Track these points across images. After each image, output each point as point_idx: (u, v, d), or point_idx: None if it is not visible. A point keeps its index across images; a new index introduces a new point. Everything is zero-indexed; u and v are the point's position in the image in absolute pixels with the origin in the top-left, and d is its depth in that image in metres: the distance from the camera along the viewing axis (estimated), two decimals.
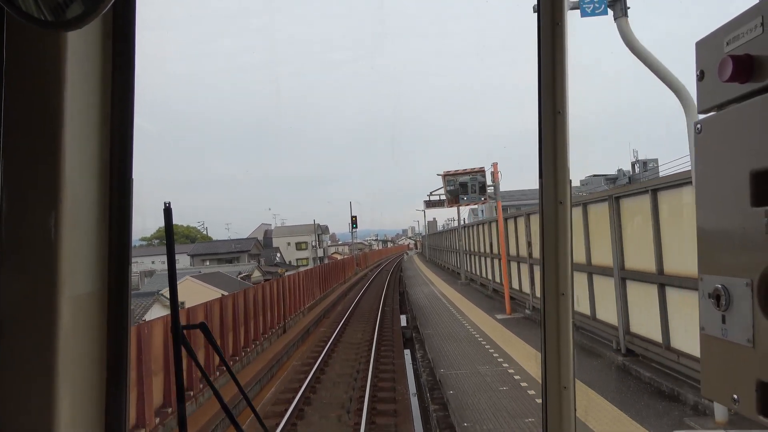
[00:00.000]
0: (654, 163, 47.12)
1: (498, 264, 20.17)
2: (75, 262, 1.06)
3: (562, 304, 1.44)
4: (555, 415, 1.44)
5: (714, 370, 1.03)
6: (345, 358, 15.29)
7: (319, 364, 14.06)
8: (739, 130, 0.96)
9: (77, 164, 1.06)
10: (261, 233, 78.01)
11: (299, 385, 12.23)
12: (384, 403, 10.92)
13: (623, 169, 50.70)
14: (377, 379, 12.53)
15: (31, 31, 1.00)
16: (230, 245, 63.28)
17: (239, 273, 41.12)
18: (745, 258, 0.93)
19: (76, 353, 1.06)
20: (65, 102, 1.03)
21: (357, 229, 60.18)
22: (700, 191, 1.06)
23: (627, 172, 49.61)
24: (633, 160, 49.60)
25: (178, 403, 1.17)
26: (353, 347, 16.76)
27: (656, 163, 46.36)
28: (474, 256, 27.27)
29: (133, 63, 1.14)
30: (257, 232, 78.92)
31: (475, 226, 27.70)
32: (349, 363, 14.68)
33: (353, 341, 17.74)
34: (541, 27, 1.44)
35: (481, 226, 25.71)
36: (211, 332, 1.22)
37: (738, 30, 0.95)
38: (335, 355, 15.84)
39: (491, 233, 22.12)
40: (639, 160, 49.44)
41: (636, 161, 49.52)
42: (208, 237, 73.96)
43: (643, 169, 47.83)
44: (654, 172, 43.11)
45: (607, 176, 51.21)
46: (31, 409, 1.02)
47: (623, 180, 43.85)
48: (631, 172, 49.11)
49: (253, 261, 56.28)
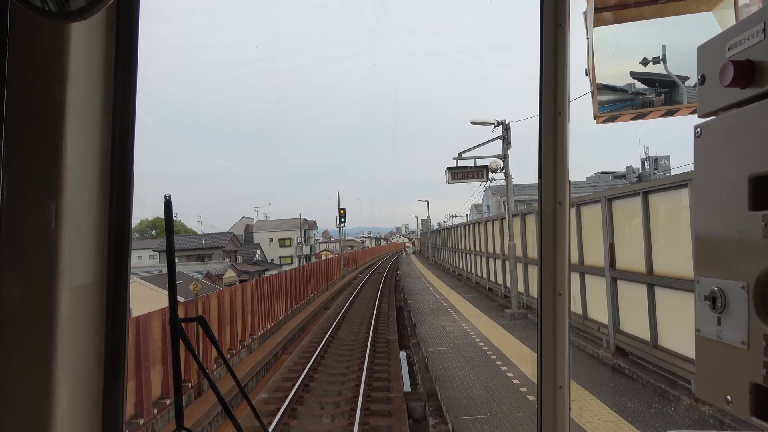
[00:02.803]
0: (666, 160, 47.26)
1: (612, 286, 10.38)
2: (75, 253, 1.14)
3: (559, 304, 1.53)
4: (550, 414, 1.53)
5: (708, 372, 1.10)
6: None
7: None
8: (739, 134, 1.03)
9: (79, 156, 1.14)
10: (242, 227, 76.19)
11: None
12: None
13: (633, 165, 50.79)
14: None
15: (34, 22, 1.06)
16: (200, 240, 57.49)
17: (206, 273, 37.25)
18: (741, 261, 1.00)
19: (75, 344, 1.14)
20: (68, 93, 1.10)
21: (349, 225, 57.77)
22: (699, 194, 1.13)
23: (636, 170, 49.68)
24: (643, 157, 49.70)
25: (176, 395, 1.25)
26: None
27: (668, 160, 46.54)
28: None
29: (135, 55, 1.21)
30: (238, 226, 77.31)
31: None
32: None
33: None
34: (544, 28, 1.52)
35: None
36: (209, 326, 1.30)
37: (739, 36, 1.02)
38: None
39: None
40: (650, 156, 49.52)
41: (647, 158, 49.61)
42: (190, 230, 71.95)
43: (654, 166, 47.94)
44: (665, 169, 43.32)
45: (615, 173, 51.32)
46: (29, 399, 1.10)
47: (632, 177, 43.99)
48: (640, 170, 49.16)
49: (229, 258, 53.27)
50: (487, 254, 22.03)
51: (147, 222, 74.64)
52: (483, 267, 23.11)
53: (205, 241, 57.10)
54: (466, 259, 28.09)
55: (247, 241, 70.86)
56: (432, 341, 13.58)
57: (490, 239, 21.49)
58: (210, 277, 37.55)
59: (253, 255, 64.12)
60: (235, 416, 1.27)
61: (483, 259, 23.00)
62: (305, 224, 76.45)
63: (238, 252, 61.84)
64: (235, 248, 61.26)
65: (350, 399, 10.92)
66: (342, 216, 49.92)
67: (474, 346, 12.82)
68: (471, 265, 26.43)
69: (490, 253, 21.37)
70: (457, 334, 14.32)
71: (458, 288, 25.79)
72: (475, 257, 25.01)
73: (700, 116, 1.14)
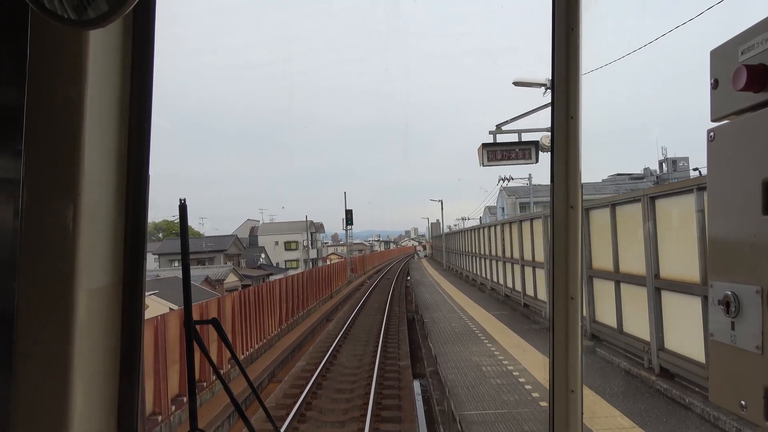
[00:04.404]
0: (684, 162, 46.91)
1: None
2: (92, 255, 1.19)
3: (571, 307, 1.57)
4: (562, 418, 1.56)
5: (722, 376, 1.12)
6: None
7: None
8: (752, 138, 1.05)
9: (96, 159, 1.19)
10: (247, 230, 75.77)
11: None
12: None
13: (650, 167, 50.49)
14: None
15: (54, 28, 1.11)
16: (201, 243, 55.15)
17: (206, 278, 35.53)
18: (755, 265, 1.03)
19: (91, 344, 1.19)
20: (86, 98, 1.15)
21: (358, 229, 56.85)
22: (713, 198, 1.15)
23: (654, 171, 49.36)
24: (661, 159, 49.35)
25: (190, 396, 1.30)
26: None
27: (687, 162, 46.19)
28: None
29: (151, 61, 1.27)
30: (242, 229, 77.28)
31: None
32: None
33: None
34: (556, 32, 1.55)
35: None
36: (222, 328, 1.35)
37: (753, 40, 1.05)
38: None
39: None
40: (668, 158, 49.16)
41: (665, 159, 49.26)
42: (196, 233, 71.68)
43: (673, 168, 47.60)
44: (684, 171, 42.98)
45: (632, 175, 51.03)
46: (46, 398, 1.15)
47: (650, 179, 43.74)
48: (658, 171, 48.82)
49: (231, 262, 52.17)
50: (521, 261, 18.16)
51: (152, 225, 74.53)
52: (517, 277, 18.96)
53: (206, 244, 55.01)
54: (491, 266, 24.30)
55: (252, 244, 70.22)
56: (466, 394, 9.26)
57: (527, 243, 17.60)
58: (210, 282, 36.46)
59: (258, 259, 63.50)
60: (248, 417, 1.32)
61: (516, 267, 18.97)
62: (312, 227, 75.89)
63: (242, 255, 61.05)
64: (239, 252, 60.35)
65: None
66: (349, 218, 48.43)
67: (536, 408, 8.24)
68: (498, 273, 22.56)
69: (526, 260, 17.56)
70: (502, 381, 9.92)
71: (483, 301, 21.96)
72: (503, 265, 21.20)
73: (713, 120, 1.17)
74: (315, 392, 12.54)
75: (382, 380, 13.12)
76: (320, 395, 12.43)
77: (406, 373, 13.75)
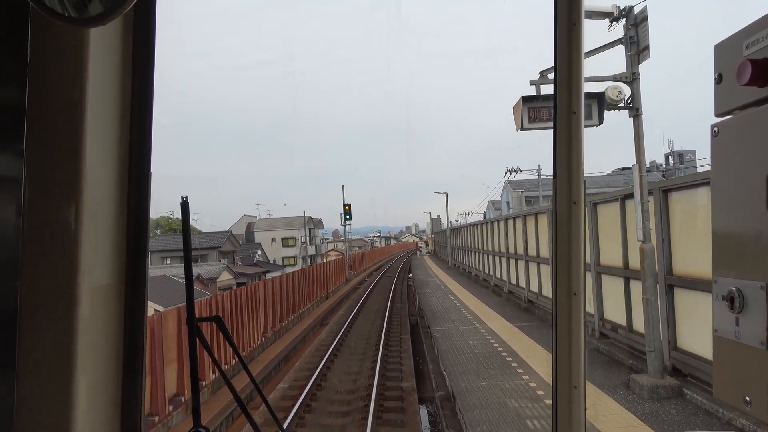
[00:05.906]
0: (691, 155, 46.96)
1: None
2: (95, 254, 1.22)
3: (574, 303, 1.60)
4: (565, 415, 1.59)
5: (726, 372, 1.15)
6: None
7: None
8: (756, 133, 1.07)
9: (98, 158, 1.22)
10: (243, 226, 75.38)
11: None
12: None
13: (656, 161, 50.46)
14: None
15: (54, 27, 1.13)
16: (194, 240, 48.93)
17: (197, 276, 33.69)
18: (760, 261, 1.05)
19: (94, 343, 1.22)
20: (87, 97, 1.18)
21: (359, 225, 55.80)
22: (717, 194, 1.17)
23: (660, 165, 49.35)
24: (667, 152, 49.31)
25: (193, 393, 1.33)
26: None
27: (694, 155, 46.24)
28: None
29: (152, 59, 1.29)
30: (238, 225, 76.85)
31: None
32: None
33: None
34: (558, 28, 1.57)
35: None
36: (225, 325, 1.38)
37: (758, 34, 1.07)
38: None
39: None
40: (674, 151, 49.12)
41: (671, 152, 49.22)
42: (194, 230, 70.59)
43: (679, 161, 47.59)
44: (691, 164, 43.02)
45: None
46: (49, 397, 1.17)
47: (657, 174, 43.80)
48: (664, 165, 48.81)
49: (225, 259, 52.03)
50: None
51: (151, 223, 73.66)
52: (544, 279, 16.72)
53: (198, 241, 52.90)
54: (508, 265, 21.55)
55: (248, 240, 69.78)
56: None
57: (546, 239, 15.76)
58: (202, 281, 36.14)
59: (254, 256, 63.04)
60: (251, 413, 1.35)
61: (544, 268, 16.63)
62: (310, 223, 75.08)
63: (237, 252, 60.63)
64: (234, 248, 59.87)
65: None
66: (347, 212, 46.70)
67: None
68: (517, 274, 20.04)
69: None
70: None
71: (500, 307, 19.22)
72: (526, 264, 18.53)
73: (717, 115, 1.18)
74: (300, 421, 10.22)
75: (380, 411, 10.39)
76: (307, 425, 10.09)
77: (410, 399, 11.02)
